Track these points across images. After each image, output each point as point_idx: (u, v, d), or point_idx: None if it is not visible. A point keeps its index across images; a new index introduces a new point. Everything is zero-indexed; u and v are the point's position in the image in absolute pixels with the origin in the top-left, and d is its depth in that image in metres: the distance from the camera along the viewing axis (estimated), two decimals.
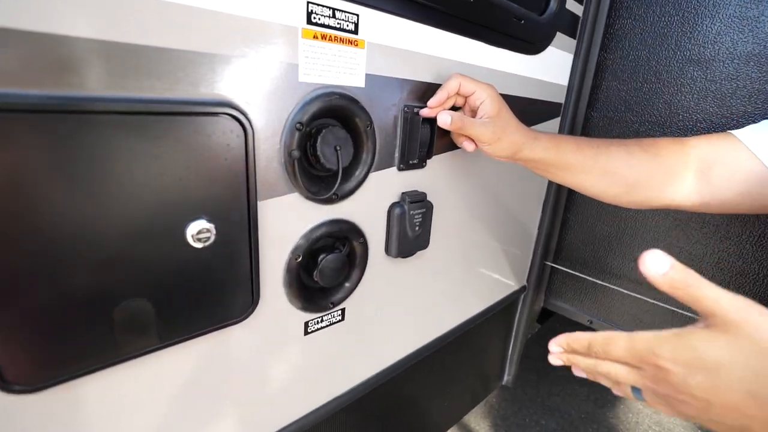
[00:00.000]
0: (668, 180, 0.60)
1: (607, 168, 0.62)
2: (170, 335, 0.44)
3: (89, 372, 0.40)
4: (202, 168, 0.41)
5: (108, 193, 0.36)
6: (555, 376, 2.22)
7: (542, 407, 2.03)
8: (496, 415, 1.96)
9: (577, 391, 2.13)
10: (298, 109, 0.48)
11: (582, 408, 2.04)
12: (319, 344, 0.63)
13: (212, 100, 0.41)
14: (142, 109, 0.37)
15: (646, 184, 0.61)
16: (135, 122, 0.37)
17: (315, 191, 0.53)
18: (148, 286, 0.41)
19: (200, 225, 0.42)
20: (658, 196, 0.61)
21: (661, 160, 0.60)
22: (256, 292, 0.51)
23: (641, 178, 0.61)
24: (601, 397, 2.11)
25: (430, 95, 0.64)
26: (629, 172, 0.61)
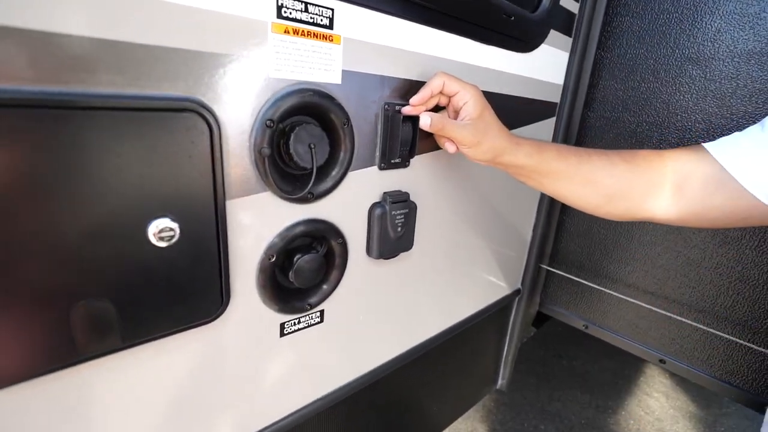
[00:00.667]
0: (648, 192, 0.59)
1: (589, 177, 0.61)
2: (133, 336, 0.43)
3: (47, 372, 0.39)
4: (164, 165, 0.40)
5: (65, 188, 0.36)
6: (556, 381, 2.19)
7: (542, 412, 2.00)
8: (494, 419, 1.93)
9: (578, 398, 2.10)
10: (269, 105, 0.47)
11: (583, 414, 2.00)
12: (297, 346, 0.62)
13: (175, 96, 0.40)
14: (102, 104, 0.36)
15: (626, 195, 0.60)
16: (94, 118, 0.36)
17: (288, 190, 0.52)
18: (107, 286, 0.40)
19: (163, 223, 0.41)
20: (638, 208, 0.60)
21: (641, 171, 0.59)
22: (226, 292, 0.49)
23: (621, 188, 0.60)
24: (603, 404, 2.07)
25: (413, 93, 0.62)
26: (610, 182, 0.60)
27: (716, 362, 0.91)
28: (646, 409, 2.07)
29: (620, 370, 2.34)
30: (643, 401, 2.12)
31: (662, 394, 2.19)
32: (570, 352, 2.45)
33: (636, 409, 2.07)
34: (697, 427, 1.98)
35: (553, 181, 0.63)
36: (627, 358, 2.41)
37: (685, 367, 0.94)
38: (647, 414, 2.04)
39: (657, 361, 0.98)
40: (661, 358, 0.98)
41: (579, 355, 2.44)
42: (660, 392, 2.20)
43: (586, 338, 2.55)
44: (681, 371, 0.96)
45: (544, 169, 0.62)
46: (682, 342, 0.95)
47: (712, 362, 0.91)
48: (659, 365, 0.97)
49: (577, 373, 2.29)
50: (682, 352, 0.95)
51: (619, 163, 0.60)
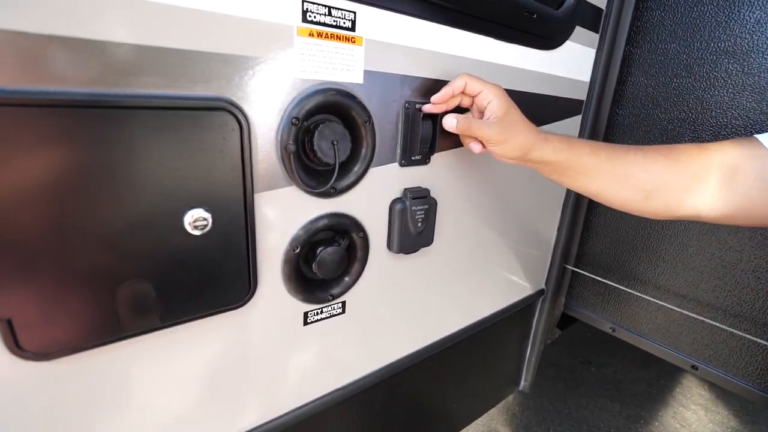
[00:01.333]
0: (690, 187, 0.55)
1: (623, 172, 0.59)
2: (170, 317, 0.47)
3: (94, 346, 0.43)
4: (199, 160, 0.44)
5: (112, 181, 0.40)
6: (585, 388, 2.13)
7: (568, 418, 1.95)
8: (518, 423, 1.90)
9: (608, 406, 2.03)
10: (294, 104, 0.50)
11: (612, 423, 1.93)
12: (319, 335, 0.64)
13: (209, 96, 0.44)
14: (144, 104, 0.40)
15: (665, 190, 0.57)
16: (137, 116, 0.40)
17: (313, 185, 0.55)
18: (148, 269, 0.44)
19: (197, 213, 0.45)
20: (679, 204, 0.57)
21: (682, 165, 0.56)
22: (253, 280, 0.53)
23: (660, 183, 0.57)
24: (634, 414, 1.99)
25: (434, 92, 0.64)
26: (647, 177, 0.57)
27: (754, 370, 0.86)
28: (683, 421, 1.97)
29: (655, 380, 2.24)
30: (679, 413, 2.02)
31: (700, 407, 2.07)
32: (600, 360, 2.37)
33: (671, 421, 1.98)
34: None
35: (586, 178, 0.61)
36: (663, 368, 2.30)
37: (719, 374, 0.90)
38: (683, 427, 1.94)
39: (689, 367, 0.94)
40: (693, 364, 0.94)
41: (609, 362, 2.35)
42: (698, 405, 2.09)
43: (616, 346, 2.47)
44: (715, 378, 0.91)
45: (575, 165, 0.60)
46: (716, 348, 0.91)
47: (750, 370, 0.87)
48: (691, 371, 0.94)
49: (608, 381, 2.21)
50: (716, 358, 0.91)
51: (656, 158, 0.57)
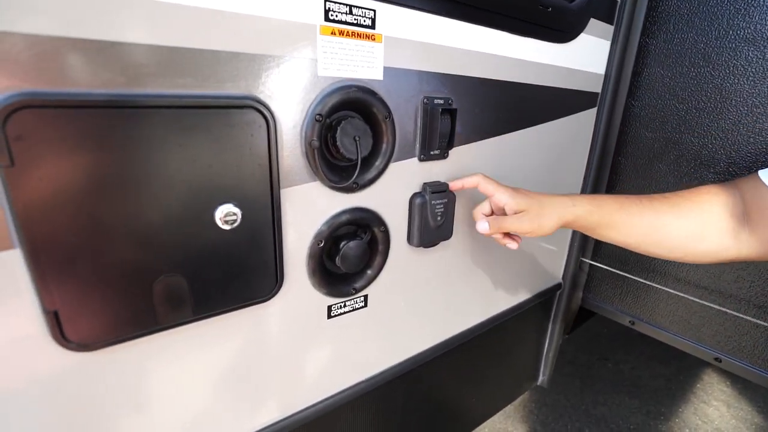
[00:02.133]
0: (726, 229, 0.55)
1: (655, 223, 0.59)
2: (202, 309, 0.49)
3: (132, 338, 0.45)
4: (228, 156, 0.45)
5: (146, 179, 0.41)
6: (602, 384, 2.10)
7: (586, 415, 1.93)
8: (535, 420, 1.89)
9: (626, 402, 2.00)
10: (318, 101, 0.51)
11: (631, 419, 1.91)
12: (343, 329, 0.66)
13: (236, 94, 0.45)
14: (176, 103, 0.41)
15: (700, 236, 0.57)
16: (170, 115, 0.41)
17: (335, 180, 0.56)
18: (182, 263, 0.46)
19: (228, 209, 0.46)
20: (718, 247, 0.57)
21: (709, 208, 0.56)
22: (280, 274, 0.54)
23: (694, 230, 0.57)
24: (654, 410, 1.96)
25: (452, 87, 0.65)
26: (679, 225, 0.58)
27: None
28: (704, 417, 1.94)
29: (674, 376, 2.20)
30: (700, 409, 1.99)
31: (722, 403, 2.04)
32: (617, 356, 2.34)
33: (692, 417, 1.94)
34: None
35: (619, 233, 0.62)
36: (682, 364, 2.27)
37: (743, 366, 0.89)
38: (705, 423, 1.91)
39: (712, 360, 0.93)
40: (716, 357, 0.93)
41: (627, 359, 2.33)
42: (720, 400, 2.05)
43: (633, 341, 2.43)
44: (739, 371, 0.90)
45: (606, 223, 0.62)
46: (740, 339, 0.89)
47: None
48: (714, 363, 0.93)
49: (626, 378, 2.18)
50: (740, 350, 0.90)
51: (682, 204, 0.58)
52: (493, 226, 0.63)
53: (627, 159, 1.01)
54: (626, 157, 1.02)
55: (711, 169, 0.88)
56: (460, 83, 0.66)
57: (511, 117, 0.78)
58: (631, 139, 1.00)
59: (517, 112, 0.79)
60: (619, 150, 1.02)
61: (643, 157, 0.98)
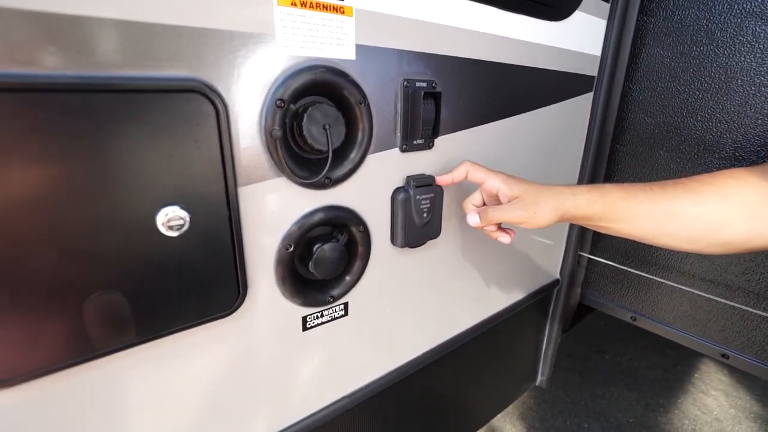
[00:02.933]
0: (757, 213, 0.49)
1: (669, 211, 0.52)
2: (148, 330, 0.42)
3: (62, 368, 0.38)
4: (170, 151, 0.38)
5: (66, 177, 0.34)
6: (600, 378, 2.07)
7: (585, 410, 1.89)
8: (533, 417, 1.85)
9: (625, 395, 1.97)
10: (279, 84, 0.44)
11: (630, 412, 1.88)
12: (321, 341, 0.59)
13: (176, 75, 0.38)
14: (101, 86, 0.34)
15: (723, 224, 0.50)
16: (93, 101, 0.34)
17: (304, 175, 0.49)
18: (118, 278, 0.38)
19: (172, 212, 0.39)
20: (747, 236, 0.50)
21: (735, 192, 0.50)
22: (243, 284, 0.47)
23: (718, 217, 0.50)
24: (653, 402, 1.93)
25: (436, 68, 0.58)
26: (697, 212, 0.51)
27: None
28: (703, 408, 1.91)
29: (672, 367, 2.18)
30: (699, 399, 1.96)
31: (721, 392, 2.01)
32: (614, 348, 2.31)
33: (691, 408, 1.92)
34: (764, 429, 1.80)
35: (628, 224, 0.55)
36: (680, 354, 2.24)
37: (752, 362, 0.84)
38: (704, 413, 1.88)
39: (718, 356, 0.88)
40: (723, 353, 0.88)
41: (624, 351, 2.30)
42: (718, 390, 2.03)
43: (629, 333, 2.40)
44: (747, 366, 0.85)
45: (613, 214, 0.55)
46: (748, 334, 0.85)
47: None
48: (721, 360, 0.88)
49: (623, 370, 2.15)
50: (748, 345, 0.85)
51: (700, 189, 0.51)
52: (485, 217, 0.57)
53: (626, 146, 0.96)
54: (625, 145, 0.96)
55: (716, 154, 0.82)
56: (446, 64, 0.60)
57: (502, 103, 0.72)
58: (630, 124, 0.94)
59: (509, 98, 0.73)
60: (617, 137, 0.96)
61: (643, 144, 0.93)
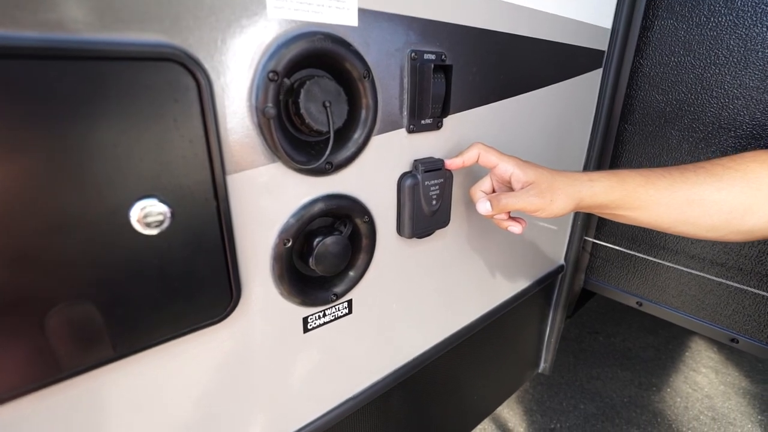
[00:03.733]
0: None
1: (690, 197, 0.49)
2: (128, 344, 0.36)
3: (25, 392, 0.32)
4: (143, 132, 0.32)
5: (18, 165, 0.28)
6: (595, 359, 2.09)
7: (581, 391, 1.91)
8: (530, 399, 1.86)
9: (619, 375, 1.99)
10: (271, 54, 0.38)
11: (624, 392, 1.90)
12: (324, 342, 0.54)
13: (147, 41, 0.31)
14: (54, 51, 0.27)
15: (748, 209, 0.47)
16: (46, 71, 0.27)
17: (302, 160, 0.43)
18: (87, 286, 0.32)
19: (149, 206, 0.33)
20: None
21: (760, 176, 0.47)
22: (236, 285, 0.42)
23: (740, 202, 0.47)
24: (646, 381, 1.96)
25: (444, 38, 0.52)
26: (720, 197, 0.48)
27: None
28: (694, 385, 1.94)
29: (663, 346, 2.21)
30: (690, 377, 2.00)
31: (711, 370, 2.05)
32: (608, 329, 2.33)
33: (683, 385, 1.95)
34: (753, 404, 1.85)
35: (647, 212, 0.52)
36: (671, 333, 2.27)
37: (763, 346, 0.82)
38: (695, 391, 1.92)
39: (728, 341, 0.86)
40: (732, 338, 0.86)
41: (617, 332, 2.32)
42: (708, 368, 2.07)
43: (623, 313, 2.43)
44: (757, 351, 0.84)
45: (632, 202, 0.51)
46: (760, 319, 0.83)
47: None
48: (730, 345, 0.86)
49: (617, 350, 2.18)
50: (759, 330, 0.83)
51: (723, 173, 0.48)
52: (496, 205, 0.52)
53: (635, 125, 0.91)
54: (634, 124, 0.91)
55: (732, 132, 0.79)
56: (454, 34, 0.53)
57: (513, 79, 0.66)
58: (640, 102, 0.89)
59: (520, 74, 0.67)
60: (626, 115, 0.92)
61: (653, 123, 0.88)
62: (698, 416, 1.78)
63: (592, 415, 1.79)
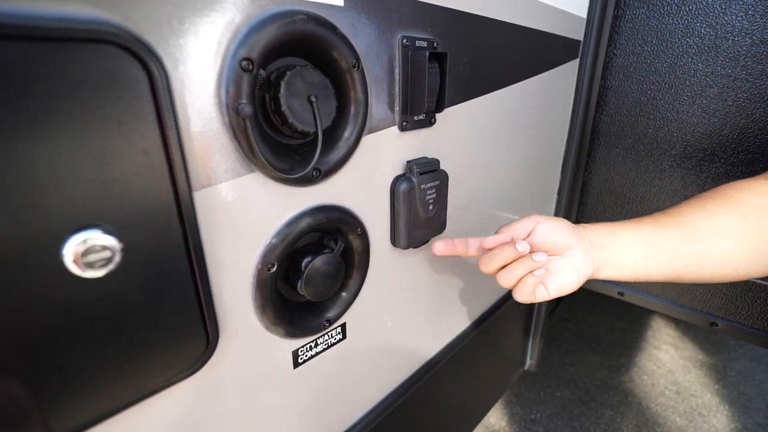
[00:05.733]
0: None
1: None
2: (68, 422, 0.27)
3: None
4: (73, 142, 0.23)
5: None
6: (566, 346, 2.14)
7: (556, 378, 1.95)
8: (509, 391, 1.87)
9: (590, 360, 2.06)
10: (242, 38, 0.30)
11: (597, 376, 1.96)
12: (316, 374, 0.47)
13: (82, 16, 0.23)
14: None
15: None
16: None
17: (286, 168, 0.35)
18: (2, 355, 0.23)
19: (89, 239, 0.25)
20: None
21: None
22: (211, 326, 0.34)
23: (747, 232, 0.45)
24: (615, 363, 2.04)
25: (436, 24, 0.46)
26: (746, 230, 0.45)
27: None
28: (657, 362, 2.05)
29: (628, 327, 2.32)
30: (653, 355, 2.10)
31: (671, 346, 2.18)
32: (576, 316, 2.41)
33: (648, 364, 2.05)
34: (709, 375, 1.98)
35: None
36: (633, 315, 2.39)
37: (741, 327, 0.85)
38: (659, 368, 2.02)
39: (707, 324, 0.88)
40: (712, 321, 0.88)
41: (585, 317, 2.40)
42: (668, 344, 2.19)
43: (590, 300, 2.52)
44: (736, 333, 0.86)
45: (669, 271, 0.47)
46: (736, 301, 0.85)
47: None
48: (711, 328, 0.88)
49: (586, 336, 2.25)
50: (736, 312, 0.86)
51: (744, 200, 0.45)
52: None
53: (610, 116, 0.91)
54: (609, 115, 0.91)
55: (706, 120, 0.80)
56: (446, 20, 0.48)
57: (501, 69, 0.62)
58: (614, 92, 0.89)
59: (508, 63, 0.63)
60: (601, 106, 0.91)
61: (629, 113, 0.88)
62: (664, 392, 1.87)
63: (569, 402, 1.83)
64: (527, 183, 0.82)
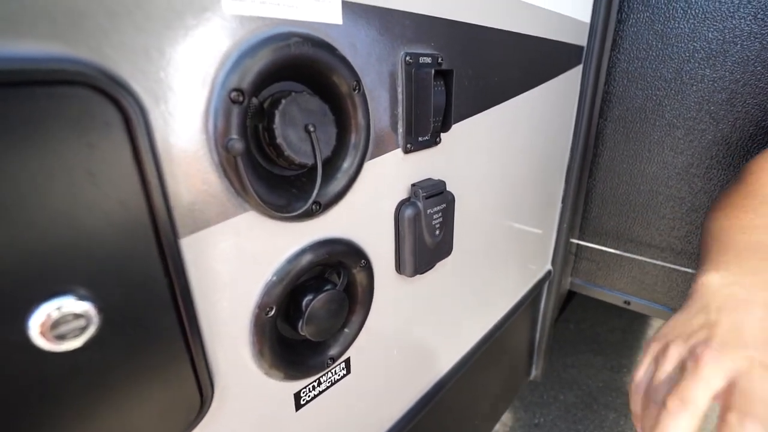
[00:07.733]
0: None
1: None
2: None
3: None
4: (38, 198, 0.20)
5: None
6: (568, 347, 2.13)
7: (559, 381, 1.93)
8: None
9: (592, 361, 2.05)
10: (232, 65, 0.27)
11: (599, 377, 1.95)
12: (321, 413, 0.44)
13: (36, 53, 0.19)
14: None
15: None
16: None
17: (282, 204, 0.32)
18: None
19: (62, 306, 0.21)
20: None
21: None
22: (205, 381, 0.30)
23: None
24: (616, 364, 2.02)
25: (439, 38, 0.43)
26: None
27: None
28: None
29: (628, 327, 2.31)
30: None
31: None
32: (576, 316, 2.40)
33: None
34: None
35: None
36: (633, 314, 2.38)
37: None
38: None
39: None
40: None
41: (585, 317, 2.39)
42: None
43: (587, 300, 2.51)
44: None
45: None
46: None
47: None
48: None
49: (587, 337, 2.24)
50: None
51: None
52: None
53: (615, 122, 0.88)
54: (614, 121, 0.88)
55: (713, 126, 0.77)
56: (450, 32, 0.45)
57: (506, 80, 0.59)
58: (618, 98, 0.87)
59: (512, 74, 0.60)
60: (605, 112, 0.89)
61: (634, 119, 0.86)
62: None
63: (572, 405, 1.81)
64: (532, 193, 0.79)
